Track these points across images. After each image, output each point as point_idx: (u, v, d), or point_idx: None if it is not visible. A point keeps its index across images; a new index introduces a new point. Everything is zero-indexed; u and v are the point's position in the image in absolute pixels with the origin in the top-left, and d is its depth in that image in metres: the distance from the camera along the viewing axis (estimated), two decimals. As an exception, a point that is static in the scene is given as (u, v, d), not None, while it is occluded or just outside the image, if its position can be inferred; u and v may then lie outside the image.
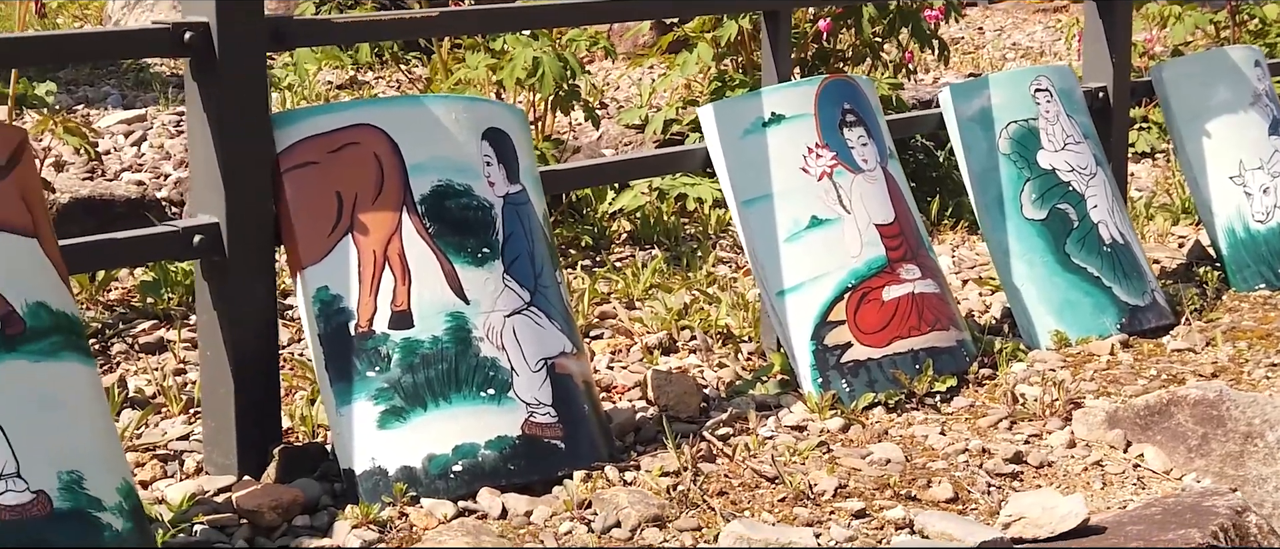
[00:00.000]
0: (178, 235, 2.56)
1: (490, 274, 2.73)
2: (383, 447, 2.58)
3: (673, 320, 3.63)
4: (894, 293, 3.28)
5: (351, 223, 2.65)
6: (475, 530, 2.45)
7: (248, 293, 2.62)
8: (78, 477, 2.23)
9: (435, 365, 2.63)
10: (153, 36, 2.52)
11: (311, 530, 2.50)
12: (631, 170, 3.48)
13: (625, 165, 3.40)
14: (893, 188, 3.39)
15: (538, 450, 2.67)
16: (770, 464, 2.78)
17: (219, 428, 2.65)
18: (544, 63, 3.90)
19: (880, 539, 2.50)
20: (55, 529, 2.18)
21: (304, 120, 2.68)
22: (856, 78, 3.51)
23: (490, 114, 2.86)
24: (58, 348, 2.28)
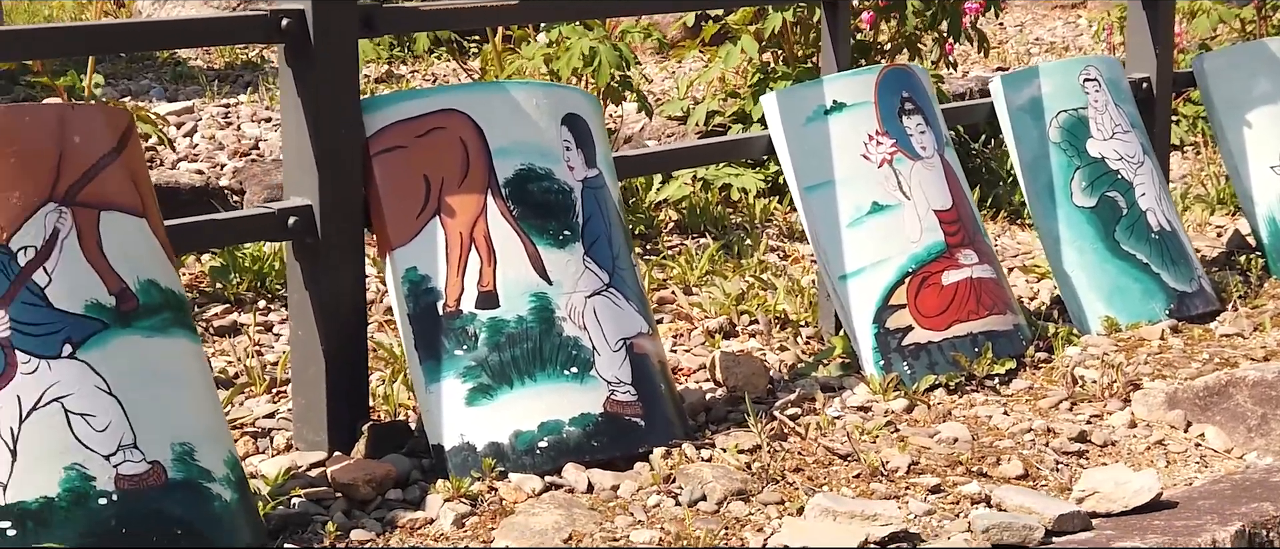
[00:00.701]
0: (273, 217, 2.63)
1: (571, 256, 2.80)
2: (471, 423, 2.65)
3: (731, 305, 3.70)
4: (953, 277, 3.35)
5: (439, 205, 2.72)
6: (567, 503, 2.52)
7: (338, 274, 2.68)
8: (189, 448, 2.30)
9: (521, 344, 2.70)
10: (249, 23, 2.59)
11: (404, 503, 2.57)
12: (698, 156, 3.55)
13: (693, 151, 3.47)
14: (950, 174, 3.46)
15: (619, 427, 2.74)
16: (844, 442, 2.85)
17: (309, 405, 2.72)
18: (601, 52, 3.97)
19: (958, 513, 2.57)
20: (170, 498, 2.25)
21: (392, 105, 2.75)
22: (913, 67, 3.58)
23: (568, 100, 2.92)
24: (168, 324, 2.35)
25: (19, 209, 2.21)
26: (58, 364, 2.20)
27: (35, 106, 2.34)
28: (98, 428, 2.21)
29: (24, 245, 2.21)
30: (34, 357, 2.19)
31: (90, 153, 2.30)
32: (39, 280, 2.21)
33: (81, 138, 2.30)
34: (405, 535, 2.45)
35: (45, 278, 2.22)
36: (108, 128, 2.35)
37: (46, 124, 2.28)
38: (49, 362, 2.20)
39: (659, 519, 2.49)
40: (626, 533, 2.42)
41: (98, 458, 2.20)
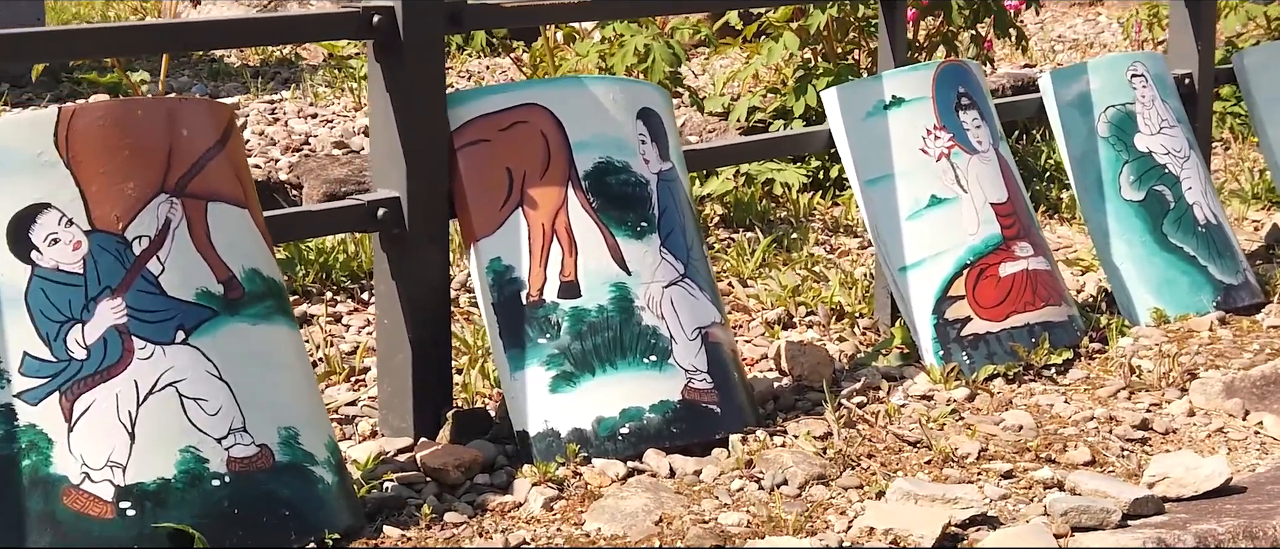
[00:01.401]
0: (363, 208, 2.70)
1: (649, 247, 2.87)
2: (554, 410, 2.72)
3: (788, 297, 3.76)
4: (1010, 269, 3.41)
5: (521, 197, 2.79)
6: (654, 487, 2.58)
7: (425, 264, 2.75)
8: (294, 432, 2.37)
9: (602, 333, 2.77)
10: (341, 20, 2.66)
11: (492, 488, 2.63)
12: (761, 150, 3.62)
13: (756, 146, 3.54)
14: (1005, 168, 3.53)
15: (696, 414, 2.81)
16: (912, 430, 2.91)
17: (395, 392, 2.79)
18: (655, 49, 4.04)
19: (1031, 497, 2.63)
20: (278, 480, 2.32)
21: (476, 100, 2.81)
22: (968, 62, 3.65)
23: (643, 95, 2.99)
24: (271, 312, 2.41)
25: (133, 200, 2.28)
26: (171, 350, 2.27)
27: (147, 100, 2.41)
28: (210, 412, 2.27)
29: (139, 235, 2.28)
30: (149, 343, 2.25)
31: (197, 146, 2.37)
32: (153, 269, 2.28)
33: (189, 131, 2.37)
34: (496, 518, 2.52)
35: (158, 266, 2.29)
36: (212, 122, 2.42)
37: (157, 118, 2.34)
38: (163, 347, 2.26)
39: (744, 502, 2.55)
40: (715, 516, 2.49)
41: (210, 441, 2.27)
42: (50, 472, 2.16)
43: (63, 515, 2.15)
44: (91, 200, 2.25)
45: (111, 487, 2.18)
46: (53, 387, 2.18)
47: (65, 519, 2.15)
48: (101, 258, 2.24)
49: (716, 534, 2.41)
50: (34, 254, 2.21)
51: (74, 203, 2.24)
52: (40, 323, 2.19)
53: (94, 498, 2.17)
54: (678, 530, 2.43)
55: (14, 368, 2.17)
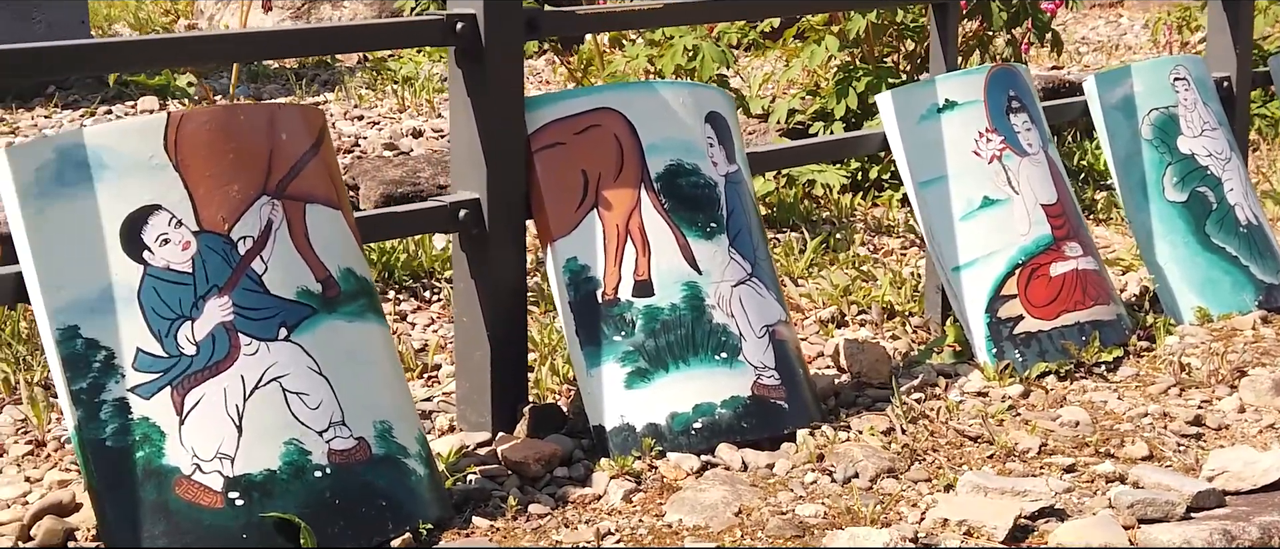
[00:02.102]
0: (445, 209, 2.78)
1: (718, 247, 2.95)
2: (630, 405, 2.80)
3: (839, 296, 3.85)
4: (1060, 269, 3.50)
5: (596, 199, 2.87)
6: (730, 480, 2.67)
7: (503, 263, 2.83)
8: (388, 426, 2.45)
9: (674, 331, 2.85)
10: (426, 27, 2.74)
11: (570, 480, 2.72)
12: (819, 153, 3.71)
13: (815, 148, 3.62)
14: (1054, 170, 3.61)
15: (765, 410, 2.89)
16: (972, 425, 2.99)
17: (474, 388, 2.87)
18: (704, 49, 4.12)
19: (1094, 491, 2.72)
20: (374, 472, 2.40)
21: (552, 104, 2.90)
22: (1017, 66, 3.73)
23: (710, 98, 3.07)
24: (364, 310, 2.50)
25: (238, 201, 2.37)
26: (275, 346, 2.35)
27: (249, 106, 2.49)
28: (311, 406, 2.36)
29: (243, 235, 2.36)
30: (255, 339, 2.34)
31: (295, 149, 2.46)
32: (256, 268, 2.37)
33: (287, 135, 2.45)
34: (578, 510, 2.60)
35: (262, 266, 2.37)
36: (307, 126, 2.50)
37: (259, 123, 2.43)
38: (267, 344, 2.35)
39: (818, 495, 2.64)
40: (792, 507, 2.57)
41: (312, 434, 2.35)
42: (163, 463, 2.24)
43: (175, 505, 2.23)
44: (199, 202, 2.33)
45: (221, 477, 2.27)
46: (164, 381, 2.27)
47: (178, 508, 2.23)
48: (209, 257, 2.33)
49: (795, 525, 2.49)
50: (146, 254, 2.29)
51: (183, 204, 2.32)
52: (152, 320, 2.28)
53: (205, 488, 2.25)
54: (757, 521, 2.52)
55: (127, 363, 2.25)
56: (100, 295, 2.25)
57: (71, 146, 2.27)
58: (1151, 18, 8.13)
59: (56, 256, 2.24)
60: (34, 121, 5.24)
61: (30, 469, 2.71)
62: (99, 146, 2.28)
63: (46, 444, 2.82)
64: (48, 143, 2.27)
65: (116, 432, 2.23)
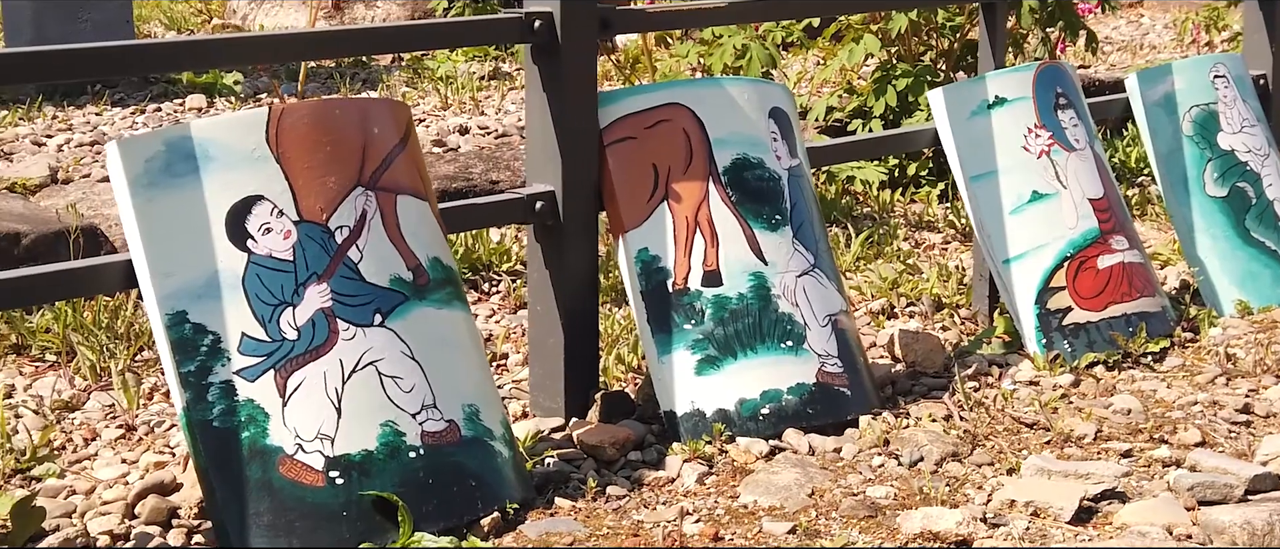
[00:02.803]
0: (522, 201, 2.87)
1: (782, 238, 3.04)
2: (700, 391, 2.89)
3: (888, 288, 3.93)
4: (1107, 262, 3.58)
5: (666, 191, 2.96)
6: (800, 463, 2.76)
7: (576, 253, 2.92)
8: (476, 410, 2.54)
9: (742, 319, 2.94)
10: (505, 25, 2.83)
11: (644, 464, 2.81)
12: (874, 148, 3.80)
13: (869, 143, 3.71)
14: (1100, 165, 3.69)
15: (830, 396, 2.98)
16: (1027, 412, 3.08)
17: (547, 374, 2.96)
18: (752, 48, 4.21)
19: (1152, 475, 2.80)
20: (464, 453, 2.50)
21: (623, 100, 2.99)
22: (1064, 63, 3.81)
23: (773, 94, 3.16)
24: (451, 297, 2.59)
25: (334, 192, 2.46)
26: (370, 332, 2.45)
27: (344, 101, 2.58)
28: (405, 389, 2.45)
29: (340, 225, 2.46)
30: (352, 325, 2.43)
31: (386, 142, 2.55)
32: (352, 257, 2.46)
33: (379, 129, 2.55)
34: (655, 492, 2.69)
35: (357, 254, 2.46)
36: (395, 121, 2.60)
37: (352, 117, 2.52)
38: (363, 329, 2.44)
39: (887, 477, 2.72)
40: (862, 489, 2.66)
41: (406, 416, 2.44)
42: (267, 443, 2.33)
43: (279, 483, 2.32)
44: (299, 193, 2.42)
45: (322, 457, 2.36)
46: (268, 365, 2.36)
47: (281, 486, 2.32)
48: (308, 246, 2.42)
49: (867, 506, 2.58)
50: (249, 242, 2.38)
51: (284, 195, 2.41)
52: (256, 306, 2.37)
53: (307, 467, 2.34)
54: (831, 502, 2.61)
55: (233, 347, 2.35)
56: (207, 282, 2.35)
57: (180, 139, 2.36)
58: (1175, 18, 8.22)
59: (165, 244, 2.33)
60: (86, 119, 5.34)
61: (125, 452, 2.80)
62: (205, 139, 2.38)
63: (137, 428, 2.92)
64: (157, 135, 2.36)
65: (223, 413, 2.32)
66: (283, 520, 2.31)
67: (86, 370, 3.17)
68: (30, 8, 6.12)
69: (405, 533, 2.36)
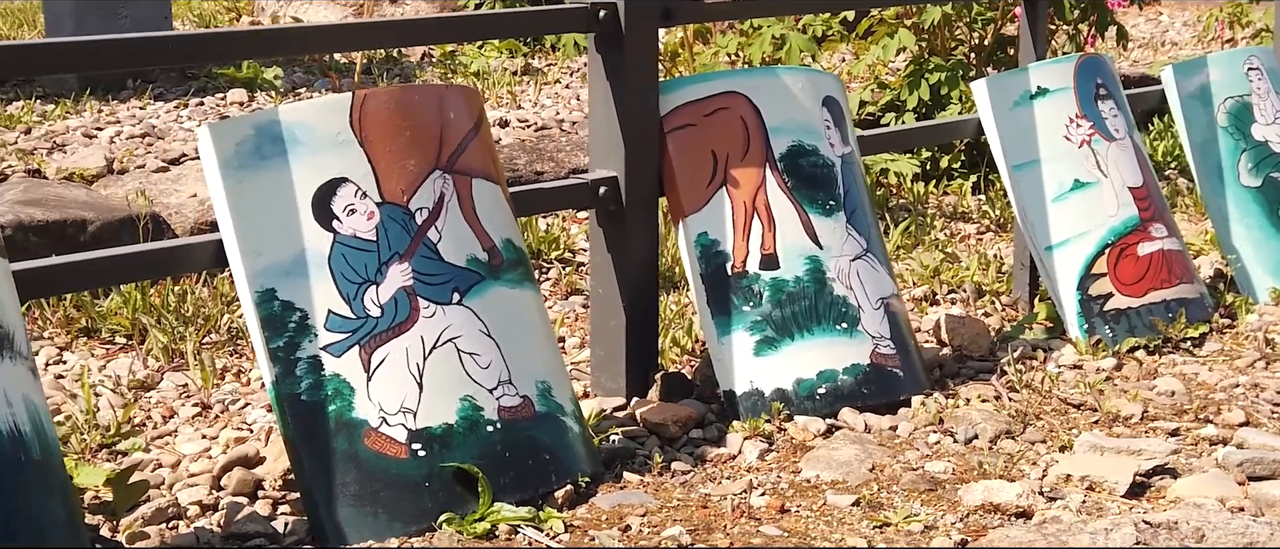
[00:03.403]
0: (585, 187, 2.95)
1: (837, 223, 3.12)
2: (759, 371, 2.97)
3: (929, 275, 4.01)
4: (1147, 249, 3.66)
5: (725, 177, 3.04)
6: (859, 440, 2.84)
7: (638, 237, 3.01)
8: (548, 386, 2.63)
9: (799, 302, 3.02)
10: (569, 15, 2.91)
11: (705, 441, 2.89)
12: (919, 137, 3.87)
13: (914, 133, 3.79)
14: (1139, 155, 3.77)
15: (883, 377, 3.06)
16: (1074, 393, 3.16)
17: (608, 356, 3.04)
18: (791, 38, 4.29)
19: (1200, 453, 2.88)
20: (538, 428, 2.58)
21: (683, 88, 3.07)
22: (1103, 55, 3.89)
23: (826, 84, 3.24)
24: (522, 278, 2.67)
25: (414, 175, 2.54)
26: (449, 310, 2.53)
27: (422, 87, 2.67)
28: (482, 365, 2.53)
29: (420, 206, 2.54)
30: (432, 303, 2.52)
31: (461, 128, 2.63)
32: (432, 237, 2.54)
33: (454, 114, 2.63)
34: (718, 467, 2.77)
35: (436, 235, 2.55)
36: (468, 107, 2.68)
37: (430, 103, 2.60)
38: (443, 307, 2.52)
39: (944, 453, 2.81)
40: (921, 464, 2.74)
41: (484, 391, 2.53)
42: (353, 416, 2.42)
43: (365, 454, 2.41)
44: (381, 175, 2.51)
45: (405, 430, 2.44)
46: (353, 341, 2.44)
47: (367, 458, 2.41)
48: (391, 227, 2.50)
49: (927, 480, 2.66)
50: (335, 223, 2.47)
51: (367, 178, 2.50)
52: (341, 284, 2.45)
53: (391, 439, 2.43)
54: (891, 476, 2.69)
55: (320, 323, 2.43)
56: (294, 260, 2.43)
57: (268, 123, 2.45)
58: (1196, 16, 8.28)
59: (254, 224, 2.42)
60: (131, 112, 5.42)
61: (204, 428, 2.88)
62: (293, 123, 2.46)
63: (212, 407, 3.00)
64: (247, 120, 2.45)
65: (310, 387, 2.40)
66: (368, 490, 2.39)
67: (158, 351, 3.26)
68: (71, 6, 6.20)
69: (484, 503, 2.44)
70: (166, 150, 4.52)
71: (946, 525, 2.48)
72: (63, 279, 2.38)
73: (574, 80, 6.79)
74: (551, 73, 6.88)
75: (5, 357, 2.07)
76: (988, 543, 2.34)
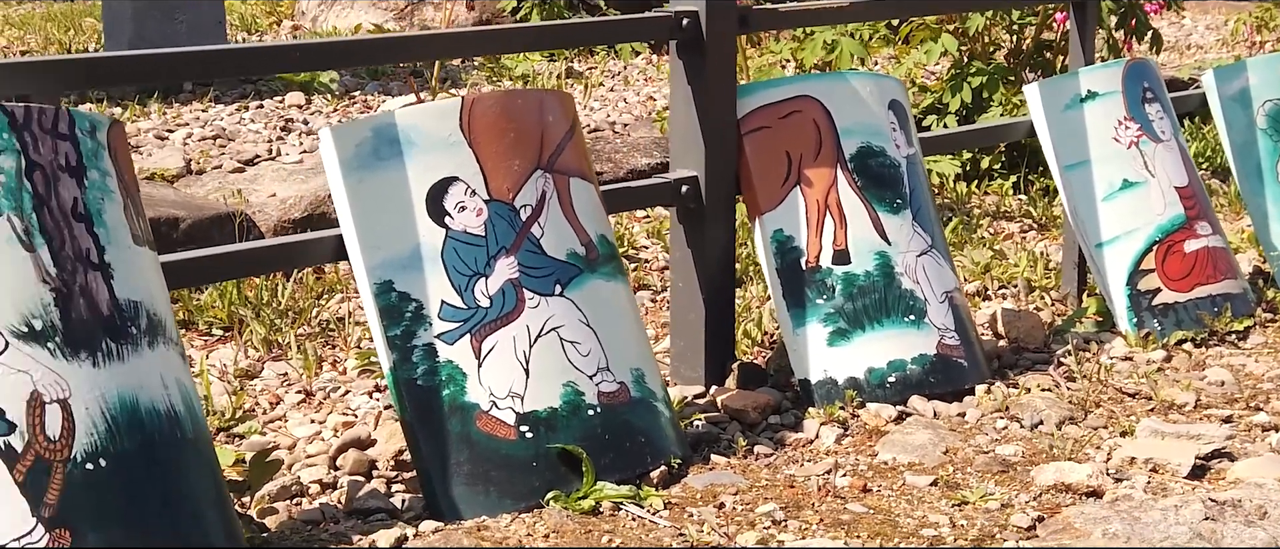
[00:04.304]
0: (668, 185, 3.11)
1: (903, 221, 3.28)
2: (832, 361, 3.13)
3: (981, 272, 4.17)
4: (1193, 246, 3.81)
5: (798, 177, 3.20)
6: (930, 426, 2.99)
7: (716, 234, 3.16)
8: (641, 373, 2.79)
9: (869, 295, 3.18)
10: (654, 23, 3.07)
11: (783, 427, 3.05)
12: (972, 140, 4.02)
13: (973, 134, 3.94)
14: (1184, 156, 3.92)
15: (948, 367, 3.22)
16: (1128, 383, 3.31)
17: (688, 346, 3.20)
18: (842, 43, 4.45)
19: (1253, 438, 3.03)
20: (634, 412, 2.74)
21: (759, 92, 3.23)
22: (1149, 60, 4.04)
23: (891, 88, 3.40)
24: (615, 271, 2.83)
25: (519, 174, 2.70)
26: (552, 300, 2.69)
27: (524, 91, 2.83)
28: (582, 353, 2.69)
29: (524, 204, 2.70)
30: (536, 294, 2.67)
31: (559, 129, 2.79)
32: (535, 233, 2.70)
33: (553, 117, 2.79)
34: (798, 450, 2.93)
35: (539, 231, 2.71)
36: (564, 111, 2.84)
37: (532, 106, 2.76)
38: (546, 299, 2.68)
39: (1012, 438, 2.96)
40: (992, 448, 2.90)
41: (584, 377, 2.69)
42: (465, 400, 2.58)
43: (476, 436, 2.57)
44: (488, 174, 2.67)
45: (513, 413, 2.60)
46: (464, 330, 2.60)
47: (479, 439, 2.57)
48: (497, 223, 2.66)
49: (1000, 462, 2.81)
50: (447, 219, 2.63)
51: (475, 177, 2.66)
52: (453, 276, 2.61)
53: (500, 422, 2.59)
54: (965, 459, 2.84)
55: (434, 313, 2.59)
56: (410, 254, 2.59)
57: (385, 126, 2.61)
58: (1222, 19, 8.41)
59: (373, 220, 2.58)
60: (195, 115, 5.59)
61: (310, 413, 3.05)
62: (408, 125, 2.62)
63: (314, 394, 3.16)
64: (366, 123, 2.61)
65: (426, 372, 2.56)
66: (480, 470, 2.55)
67: (257, 342, 3.42)
68: (130, 8, 6.37)
69: (588, 482, 2.60)
70: (240, 152, 4.69)
71: (1021, 504, 2.63)
72: (201, 271, 2.54)
73: (617, 84, 6.96)
74: (592, 76, 7.04)
75: (160, 342, 2.23)
76: (1065, 519, 2.50)
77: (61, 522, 2.04)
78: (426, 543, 2.40)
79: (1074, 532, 2.45)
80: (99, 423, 2.10)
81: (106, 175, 2.25)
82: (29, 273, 2.10)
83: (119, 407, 2.13)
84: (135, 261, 2.25)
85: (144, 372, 2.18)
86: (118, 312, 2.18)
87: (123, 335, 2.17)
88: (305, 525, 2.49)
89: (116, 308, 2.18)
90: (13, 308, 2.08)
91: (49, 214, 2.15)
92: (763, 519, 2.55)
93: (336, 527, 2.49)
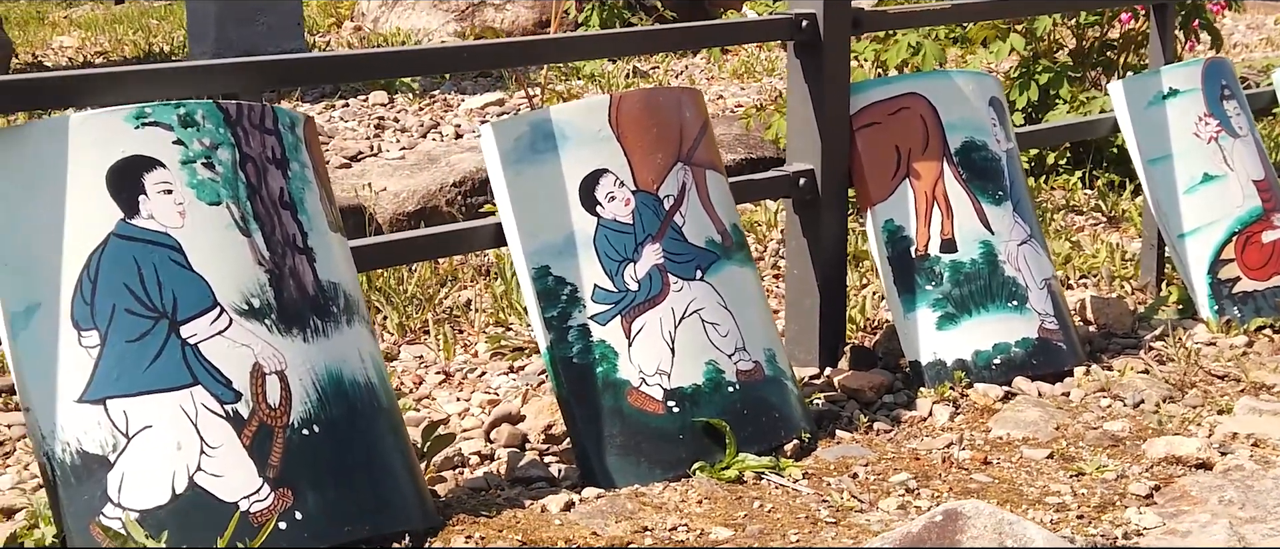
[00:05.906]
0: (786, 178, 3.30)
1: (1005, 211, 3.45)
2: (941, 344, 3.31)
3: (1061, 262, 4.34)
4: (1270, 237, 3.98)
5: (907, 170, 3.38)
6: (1038, 404, 3.17)
7: (830, 224, 3.35)
8: (772, 353, 2.97)
9: (974, 281, 3.36)
10: (776, 24, 3.26)
11: (897, 406, 3.23)
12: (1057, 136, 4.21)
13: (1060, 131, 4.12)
14: (1260, 151, 4.10)
15: (1049, 349, 3.39)
16: (1216, 365, 3.48)
17: (802, 330, 3.38)
18: (925, 46, 4.63)
19: (1342, 415, 3.20)
20: (767, 390, 2.92)
21: (870, 90, 3.41)
22: (1225, 59, 4.21)
23: (990, 86, 3.58)
24: (746, 258, 3.02)
25: (662, 166, 2.88)
26: (693, 285, 2.87)
27: (664, 89, 3.01)
28: (722, 334, 2.88)
29: (667, 194, 2.88)
30: (679, 278, 2.86)
31: (695, 125, 2.97)
32: (677, 221, 2.89)
33: (690, 114, 2.97)
34: (914, 427, 3.11)
35: (681, 219, 2.89)
36: (697, 108, 3.02)
37: (671, 103, 2.95)
38: (688, 283, 2.87)
39: (1117, 415, 3.14)
40: (1100, 424, 3.07)
41: (723, 356, 2.87)
42: (617, 377, 2.76)
43: (628, 410, 2.75)
44: (635, 166, 2.85)
45: (661, 390, 2.78)
46: (615, 311, 2.79)
47: (630, 413, 2.75)
48: (644, 212, 2.85)
49: (1109, 437, 2.99)
50: (598, 208, 2.81)
51: (623, 169, 2.84)
52: (604, 262, 2.80)
53: (649, 397, 2.77)
54: (1076, 434, 3.02)
55: (587, 296, 2.77)
56: (565, 241, 2.78)
57: (541, 121, 2.80)
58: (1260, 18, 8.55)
59: (530, 209, 2.77)
60: (285, 113, 5.78)
61: (455, 392, 3.24)
62: (562, 121, 2.81)
63: (453, 375, 3.35)
64: (523, 119, 2.80)
65: (581, 351, 2.75)
66: (632, 442, 2.74)
67: (391, 327, 3.61)
68: (213, 10, 6.58)
69: (731, 453, 2.78)
70: (343, 148, 4.88)
71: (1135, 474, 2.81)
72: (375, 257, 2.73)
73: (681, 82, 7.13)
74: (656, 75, 7.22)
75: (356, 320, 2.43)
76: (1181, 488, 2.67)
77: (284, 482, 2.23)
78: (593, 507, 2.59)
79: (1191, 499, 2.63)
80: (311, 393, 2.29)
81: (305, 167, 2.44)
82: (246, 256, 2.30)
83: (327, 378, 2.32)
84: (332, 246, 2.44)
85: (344, 347, 2.37)
86: (321, 292, 2.37)
87: (326, 313, 2.36)
88: (474, 492, 2.68)
89: (320, 288, 2.37)
90: (234, 288, 2.27)
91: (261, 202, 2.34)
92: (897, 488, 2.73)
93: (503, 493, 2.67)
